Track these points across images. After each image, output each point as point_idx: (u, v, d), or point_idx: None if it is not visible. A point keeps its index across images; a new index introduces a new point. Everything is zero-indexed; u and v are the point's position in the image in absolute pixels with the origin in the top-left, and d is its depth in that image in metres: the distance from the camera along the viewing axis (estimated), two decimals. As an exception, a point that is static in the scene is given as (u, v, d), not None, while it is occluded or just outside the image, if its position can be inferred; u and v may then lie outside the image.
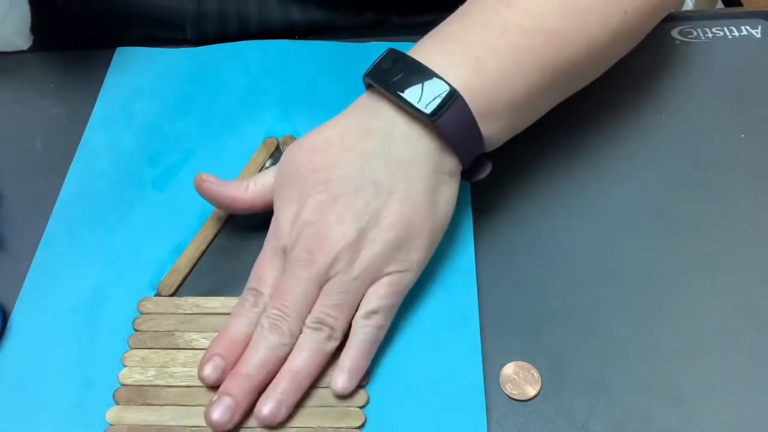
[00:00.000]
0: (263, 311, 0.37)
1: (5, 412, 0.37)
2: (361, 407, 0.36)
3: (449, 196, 0.39)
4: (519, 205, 0.44)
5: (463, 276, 0.40)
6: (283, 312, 0.36)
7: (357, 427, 0.36)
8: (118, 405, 0.37)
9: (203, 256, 0.43)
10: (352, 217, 0.36)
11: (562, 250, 0.42)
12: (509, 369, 0.37)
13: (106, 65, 0.52)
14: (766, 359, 0.37)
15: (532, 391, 0.37)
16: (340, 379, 0.36)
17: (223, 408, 0.35)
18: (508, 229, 0.43)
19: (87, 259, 0.42)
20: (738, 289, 0.40)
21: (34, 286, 0.41)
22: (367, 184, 0.37)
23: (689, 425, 0.36)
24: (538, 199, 0.44)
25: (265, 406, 0.35)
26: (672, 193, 0.44)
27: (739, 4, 1.08)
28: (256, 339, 0.36)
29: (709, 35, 0.52)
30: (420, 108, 0.37)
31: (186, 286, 0.41)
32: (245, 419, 0.36)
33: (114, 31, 0.55)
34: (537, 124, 0.42)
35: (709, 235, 0.42)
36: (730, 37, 0.52)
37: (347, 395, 0.36)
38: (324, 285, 0.37)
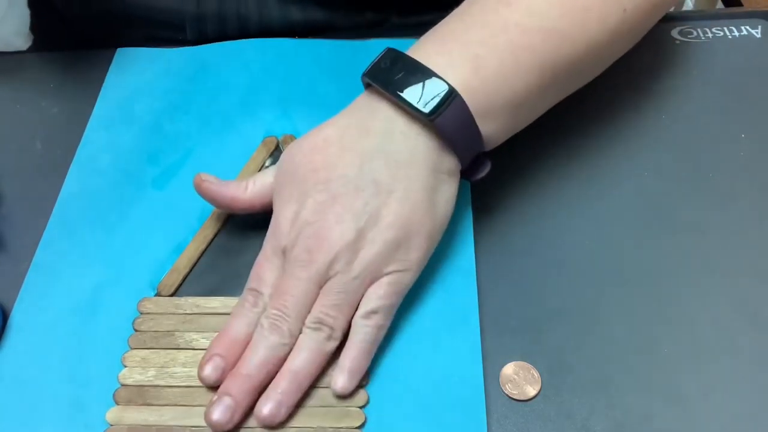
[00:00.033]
0: (263, 311, 0.37)
1: (5, 412, 0.37)
2: (361, 407, 0.36)
3: (448, 195, 0.39)
4: (519, 205, 0.44)
5: (463, 276, 0.40)
6: (283, 312, 0.36)
7: (357, 427, 0.36)
8: (118, 405, 0.37)
9: (203, 255, 0.43)
10: (351, 217, 0.36)
11: (562, 250, 0.42)
12: (509, 369, 0.37)
13: (106, 65, 0.52)
14: (766, 359, 0.37)
15: (532, 391, 0.37)
16: (340, 379, 0.36)
17: (223, 408, 0.35)
18: (509, 229, 0.43)
19: (87, 259, 0.42)
20: (738, 289, 0.40)
21: (33, 286, 0.41)
22: (367, 183, 0.37)
23: (689, 425, 0.35)
24: (538, 199, 0.44)
25: (265, 406, 0.35)
26: (672, 193, 0.44)
27: (739, 4, 1.09)
28: (256, 339, 0.36)
29: (709, 35, 0.52)
30: (418, 107, 0.37)
31: (186, 286, 0.41)
32: (245, 419, 0.36)
33: (114, 32, 0.55)
34: (537, 124, 0.42)
35: (709, 235, 0.42)
36: (730, 37, 0.52)
37: (347, 395, 0.36)
38: (323, 285, 0.37)
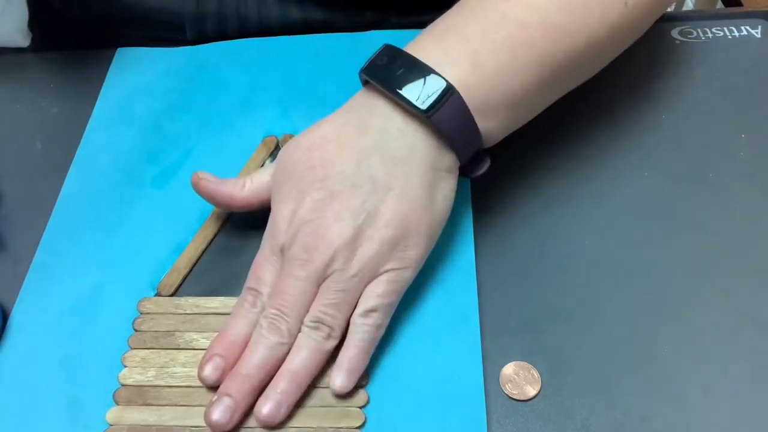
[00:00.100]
0: (262, 311, 0.37)
1: (5, 412, 0.37)
2: (361, 407, 0.36)
3: (447, 192, 0.39)
4: (519, 204, 0.44)
5: (463, 276, 0.40)
6: (282, 312, 0.36)
7: (357, 427, 0.36)
8: (118, 405, 0.37)
9: (203, 255, 0.43)
10: (349, 215, 0.36)
11: (562, 249, 0.42)
12: (509, 369, 0.37)
13: (106, 65, 0.52)
14: (766, 359, 0.37)
15: (532, 391, 0.37)
16: (339, 379, 0.36)
17: (223, 408, 0.35)
18: (509, 229, 0.43)
19: (87, 259, 0.42)
20: (738, 289, 0.40)
21: (33, 286, 0.41)
22: (364, 181, 0.37)
23: (689, 425, 0.35)
24: (538, 199, 0.44)
25: (265, 406, 0.35)
26: (672, 193, 0.44)
27: (739, 4, 1.09)
28: (255, 339, 0.36)
29: (709, 35, 0.52)
30: (416, 104, 0.37)
31: (186, 286, 0.41)
32: (245, 419, 0.36)
33: (114, 32, 0.55)
34: (537, 124, 0.42)
35: (708, 235, 0.42)
36: (730, 37, 0.52)
37: (346, 394, 0.36)
38: (322, 283, 0.36)
